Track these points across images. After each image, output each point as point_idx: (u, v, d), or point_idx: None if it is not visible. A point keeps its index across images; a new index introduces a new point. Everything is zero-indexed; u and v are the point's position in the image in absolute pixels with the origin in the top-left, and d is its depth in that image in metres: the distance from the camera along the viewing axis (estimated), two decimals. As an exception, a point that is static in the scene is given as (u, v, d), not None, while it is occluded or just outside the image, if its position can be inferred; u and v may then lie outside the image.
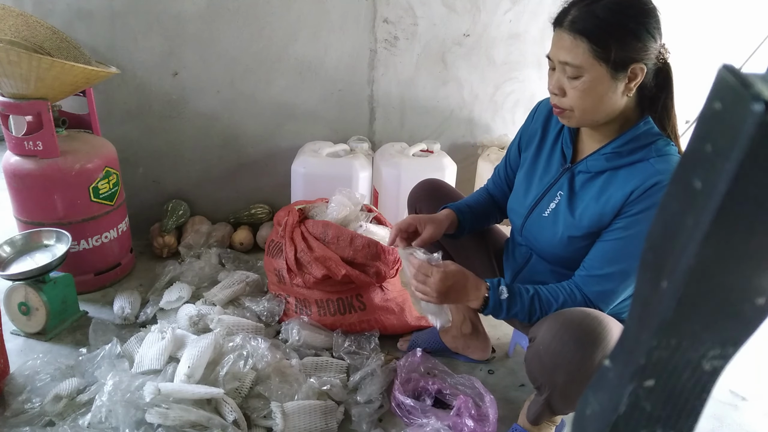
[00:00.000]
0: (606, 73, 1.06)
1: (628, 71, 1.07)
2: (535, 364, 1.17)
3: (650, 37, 1.06)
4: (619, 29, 1.04)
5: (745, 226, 0.32)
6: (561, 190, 1.23)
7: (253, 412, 1.37)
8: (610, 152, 1.14)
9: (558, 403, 1.20)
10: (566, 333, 1.08)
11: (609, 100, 1.10)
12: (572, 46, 1.07)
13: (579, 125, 1.18)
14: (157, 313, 1.80)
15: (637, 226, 1.10)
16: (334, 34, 2.20)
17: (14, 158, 1.78)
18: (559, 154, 1.27)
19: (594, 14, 1.05)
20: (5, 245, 1.72)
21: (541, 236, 1.27)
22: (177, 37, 2.11)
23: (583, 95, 1.09)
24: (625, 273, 1.14)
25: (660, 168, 1.08)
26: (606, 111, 1.12)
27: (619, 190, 1.12)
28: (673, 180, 0.37)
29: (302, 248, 1.70)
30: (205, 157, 2.33)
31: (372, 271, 1.70)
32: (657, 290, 0.37)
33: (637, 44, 1.05)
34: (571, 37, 1.07)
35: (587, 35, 1.05)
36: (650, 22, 1.06)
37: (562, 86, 1.12)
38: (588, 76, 1.07)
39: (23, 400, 1.38)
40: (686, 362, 0.38)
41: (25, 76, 1.62)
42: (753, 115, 0.29)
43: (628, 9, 1.05)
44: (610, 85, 1.07)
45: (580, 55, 1.06)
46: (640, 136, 1.12)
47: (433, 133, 2.43)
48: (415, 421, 1.37)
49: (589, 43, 1.05)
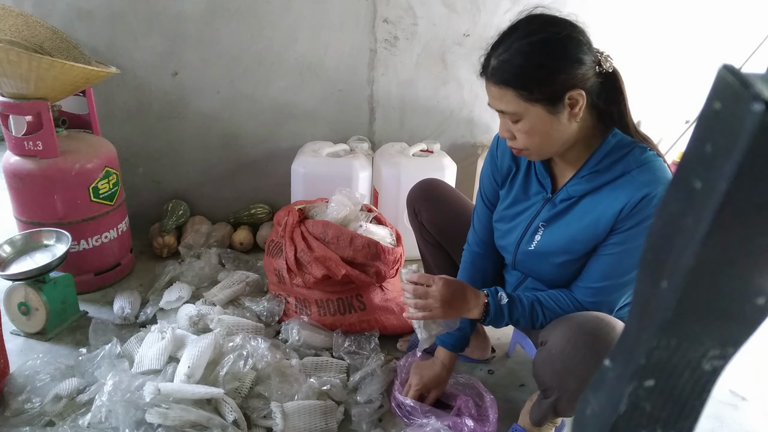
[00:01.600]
0: (543, 110, 1.06)
1: (565, 100, 1.05)
2: (547, 368, 1.16)
3: (575, 63, 1.04)
4: (537, 69, 1.03)
5: (745, 226, 0.32)
6: (543, 221, 1.22)
7: (253, 412, 1.37)
8: (589, 173, 1.13)
9: (565, 407, 1.19)
10: (581, 338, 1.07)
11: (557, 132, 1.09)
12: (500, 95, 1.08)
13: (541, 158, 1.18)
14: (157, 313, 1.80)
15: (631, 241, 1.10)
16: (334, 34, 2.20)
17: (14, 158, 1.78)
18: (536, 186, 1.25)
19: (509, 62, 1.05)
20: (5, 245, 1.72)
21: (535, 267, 1.27)
22: (177, 37, 2.11)
23: (528, 136, 1.10)
24: (621, 285, 1.14)
25: (644, 179, 1.07)
26: (559, 141, 1.11)
27: (608, 208, 1.10)
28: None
29: (302, 248, 1.70)
30: (205, 157, 2.33)
31: (372, 271, 1.70)
32: (657, 290, 0.37)
33: (562, 76, 1.03)
34: (497, 88, 1.07)
35: (509, 84, 1.05)
36: (569, 49, 1.04)
37: (510, 130, 1.12)
38: (526, 118, 1.07)
39: (23, 400, 1.38)
40: (686, 362, 0.38)
41: (25, 76, 1.62)
42: (753, 115, 0.29)
43: (539, 45, 1.03)
44: (552, 119, 1.07)
45: (511, 102, 1.07)
46: (612, 150, 1.11)
47: (433, 133, 2.43)
48: (415, 421, 1.37)
49: (515, 90, 1.05)
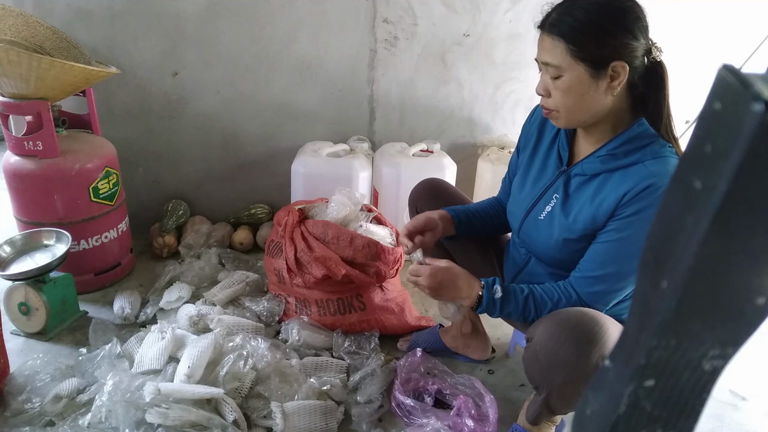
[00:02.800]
0: (585, 72, 1.08)
1: (609, 69, 1.07)
2: (533, 364, 1.18)
3: (629, 34, 1.06)
4: (593, 28, 1.06)
5: (745, 226, 0.32)
6: (557, 193, 1.23)
7: (253, 412, 1.37)
8: (605, 154, 1.15)
9: (556, 403, 1.20)
10: (563, 333, 1.09)
11: (591, 99, 1.10)
12: (551, 46, 1.09)
13: (567, 126, 1.19)
14: (157, 313, 1.80)
15: (630, 228, 1.10)
16: (333, 34, 2.20)
17: (14, 158, 1.78)
18: (555, 157, 1.27)
19: (570, 15, 1.07)
20: (5, 245, 1.72)
21: (537, 239, 1.28)
22: (177, 37, 2.11)
23: (564, 95, 1.11)
24: (619, 275, 1.14)
25: (654, 170, 1.08)
26: (591, 110, 1.12)
27: (612, 192, 1.11)
28: (673, 180, 0.37)
29: (302, 248, 1.70)
30: (205, 157, 2.33)
31: (372, 271, 1.70)
32: (657, 290, 0.37)
33: (613, 42, 1.06)
34: (550, 38, 1.09)
35: (564, 35, 1.07)
36: (628, 19, 1.06)
37: (547, 87, 1.14)
38: (568, 75, 1.09)
39: (23, 400, 1.38)
40: (686, 362, 0.38)
41: (25, 76, 1.62)
42: (753, 115, 0.29)
43: (603, 8, 1.06)
44: (591, 84, 1.09)
45: (558, 55, 1.09)
46: (634, 138, 1.12)
47: (433, 133, 2.43)
48: (415, 421, 1.37)
49: (566, 43, 1.07)
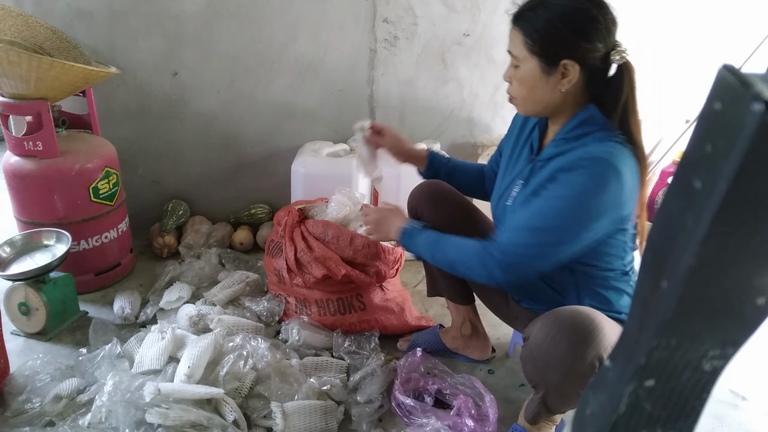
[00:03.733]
0: (537, 66, 1.15)
1: (560, 67, 1.13)
2: (529, 363, 1.19)
3: (582, 37, 1.11)
4: (549, 26, 1.12)
5: (745, 226, 0.32)
6: (522, 179, 1.27)
7: (253, 412, 1.37)
8: (560, 138, 1.20)
9: (553, 402, 1.21)
10: (558, 332, 1.10)
11: (541, 92, 1.18)
12: (514, 37, 1.19)
13: (525, 113, 1.27)
14: (157, 313, 1.80)
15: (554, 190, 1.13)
16: (333, 34, 2.19)
17: (14, 158, 1.78)
18: (528, 148, 1.32)
19: (533, 11, 1.15)
20: (5, 245, 1.72)
21: (505, 223, 1.30)
22: (177, 37, 2.11)
23: (519, 84, 1.21)
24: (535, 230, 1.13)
25: (592, 149, 1.11)
26: (542, 102, 1.20)
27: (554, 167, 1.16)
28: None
29: (302, 248, 1.70)
30: (205, 157, 2.33)
31: (372, 270, 1.69)
32: (657, 290, 0.37)
33: (565, 42, 1.12)
34: (514, 29, 1.19)
35: (523, 29, 1.16)
36: (584, 23, 1.11)
37: (510, 75, 1.24)
38: (523, 66, 1.18)
39: (23, 400, 1.38)
40: (686, 362, 0.38)
41: (25, 76, 1.62)
42: (753, 115, 0.29)
43: (564, 9, 1.12)
44: (542, 78, 1.16)
45: (517, 46, 1.18)
46: (582, 123, 1.17)
47: (433, 132, 2.43)
48: (415, 421, 1.37)
49: (524, 36, 1.16)
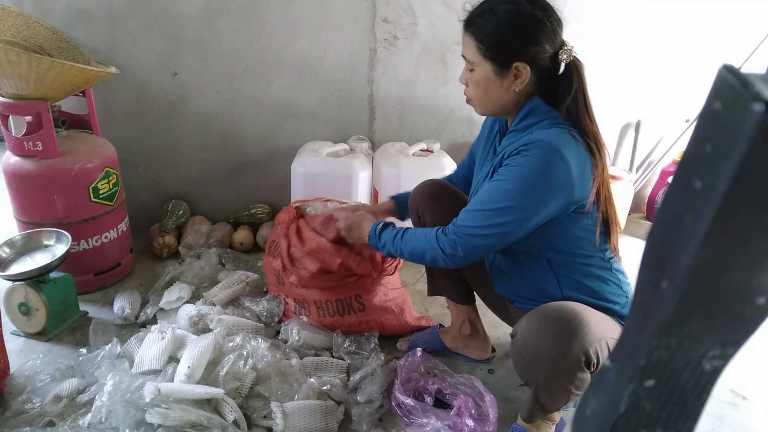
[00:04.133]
0: (491, 69, 1.21)
1: (512, 69, 1.19)
2: (517, 361, 1.21)
3: (530, 41, 1.17)
4: (499, 32, 1.18)
5: (745, 226, 0.32)
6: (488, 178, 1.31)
7: (253, 412, 1.37)
8: (511, 131, 1.27)
9: (544, 398, 1.22)
10: (542, 328, 1.12)
11: (496, 93, 1.24)
12: (466, 42, 1.24)
13: (483, 113, 1.32)
14: (157, 313, 1.80)
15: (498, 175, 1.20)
16: (333, 33, 2.19)
17: (14, 158, 1.78)
18: (492, 149, 1.38)
19: (482, 17, 1.20)
20: (5, 246, 1.72)
21: None
22: (176, 37, 2.11)
23: (475, 87, 1.26)
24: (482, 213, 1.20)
25: (537, 134, 1.17)
26: (498, 103, 1.26)
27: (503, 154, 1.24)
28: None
29: (294, 242, 1.68)
30: (205, 157, 2.33)
31: (367, 254, 1.67)
32: (657, 290, 0.37)
33: (515, 46, 1.18)
34: (467, 35, 1.23)
35: (474, 34, 1.21)
36: (532, 27, 1.17)
37: (466, 78, 1.28)
38: (478, 70, 1.24)
39: (23, 400, 1.38)
40: (686, 362, 0.38)
41: (24, 76, 1.62)
42: (753, 115, 0.29)
43: (511, 15, 1.17)
44: (496, 80, 1.22)
45: (471, 51, 1.23)
46: (528, 114, 1.23)
47: (433, 132, 2.43)
48: (415, 421, 1.37)
49: (476, 42, 1.21)
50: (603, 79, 2.38)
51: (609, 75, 2.39)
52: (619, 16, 2.30)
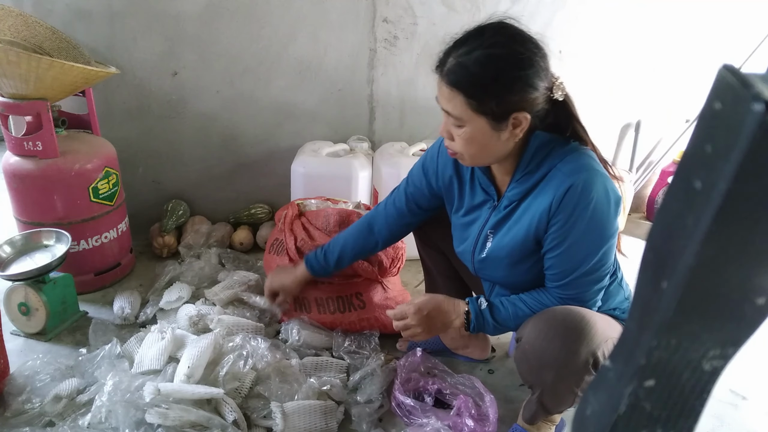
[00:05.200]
0: (486, 124, 1.07)
1: (510, 119, 1.06)
2: (523, 364, 1.19)
3: (528, 87, 1.04)
4: (491, 84, 1.03)
5: (745, 226, 0.32)
6: (490, 228, 1.24)
7: (253, 412, 1.37)
8: (521, 176, 1.16)
9: (550, 402, 1.21)
10: (550, 331, 1.10)
11: (494, 147, 1.11)
12: (450, 97, 1.07)
13: (474, 165, 1.20)
14: (157, 313, 1.80)
15: (570, 234, 1.10)
16: (333, 33, 2.19)
17: (14, 158, 1.78)
18: (482, 195, 1.27)
19: (467, 68, 1.03)
20: (5, 245, 1.72)
21: (492, 272, 1.30)
22: (176, 37, 2.11)
23: (467, 143, 1.11)
24: (585, 275, 1.14)
25: (566, 170, 1.09)
26: (495, 155, 1.14)
27: (540, 205, 1.13)
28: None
29: (302, 237, 1.71)
30: (205, 157, 2.33)
31: (374, 260, 1.69)
32: (657, 290, 0.37)
33: (513, 97, 1.04)
34: (448, 89, 1.06)
35: (461, 89, 1.04)
36: (525, 72, 1.04)
37: (450, 131, 1.12)
38: (469, 126, 1.08)
39: (23, 400, 1.38)
40: (686, 362, 0.38)
41: (24, 76, 1.62)
42: (753, 115, 0.29)
43: (501, 62, 1.03)
44: (492, 135, 1.08)
45: (458, 107, 1.06)
46: (537, 150, 1.13)
47: (433, 132, 2.43)
48: (415, 421, 1.37)
49: (465, 97, 1.05)
50: (603, 79, 2.39)
51: (609, 75, 2.39)
52: (619, 16, 2.30)
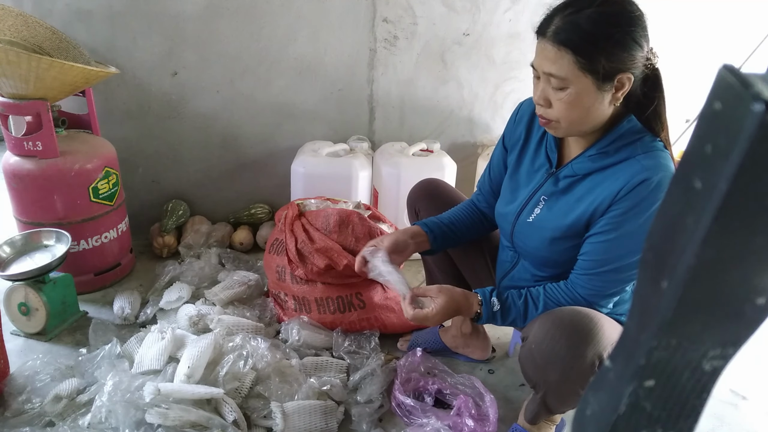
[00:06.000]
0: (592, 84, 1.03)
1: (615, 81, 1.04)
2: (528, 363, 1.18)
3: (637, 45, 1.02)
4: (604, 40, 1.01)
5: (745, 226, 0.32)
6: (545, 195, 1.22)
7: (253, 412, 1.37)
8: (596, 153, 1.13)
9: (553, 402, 1.21)
10: (557, 331, 1.09)
11: (596, 111, 1.07)
12: (556, 57, 1.03)
13: (567, 135, 1.16)
14: (157, 313, 1.80)
15: (626, 224, 1.08)
16: (333, 33, 2.19)
17: (14, 158, 1.78)
18: (543, 159, 1.25)
19: (578, 25, 1.01)
20: (5, 245, 1.72)
21: (528, 240, 1.27)
22: (176, 37, 2.11)
23: (569, 107, 1.06)
24: (617, 271, 1.13)
25: (646, 164, 1.06)
26: (593, 122, 1.10)
27: (607, 189, 1.10)
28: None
29: (303, 239, 1.71)
30: (205, 157, 2.33)
31: None
32: (657, 290, 0.37)
33: (623, 54, 1.02)
34: (555, 48, 1.03)
35: (572, 47, 1.01)
36: (636, 30, 1.02)
37: (548, 97, 1.09)
38: (573, 88, 1.04)
39: (23, 400, 1.38)
40: (686, 362, 0.38)
41: (24, 76, 1.62)
42: (753, 115, 0.29)
43: (613, 18, 1.01)
44: (597, 97, 1.05)
45: (564, 67, 1.03)
46: (624, 134, 1.10)
47: (433, 132, 2.43)
48: (415, 421, 1.37)
49: (574, 55, 1.01)
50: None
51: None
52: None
